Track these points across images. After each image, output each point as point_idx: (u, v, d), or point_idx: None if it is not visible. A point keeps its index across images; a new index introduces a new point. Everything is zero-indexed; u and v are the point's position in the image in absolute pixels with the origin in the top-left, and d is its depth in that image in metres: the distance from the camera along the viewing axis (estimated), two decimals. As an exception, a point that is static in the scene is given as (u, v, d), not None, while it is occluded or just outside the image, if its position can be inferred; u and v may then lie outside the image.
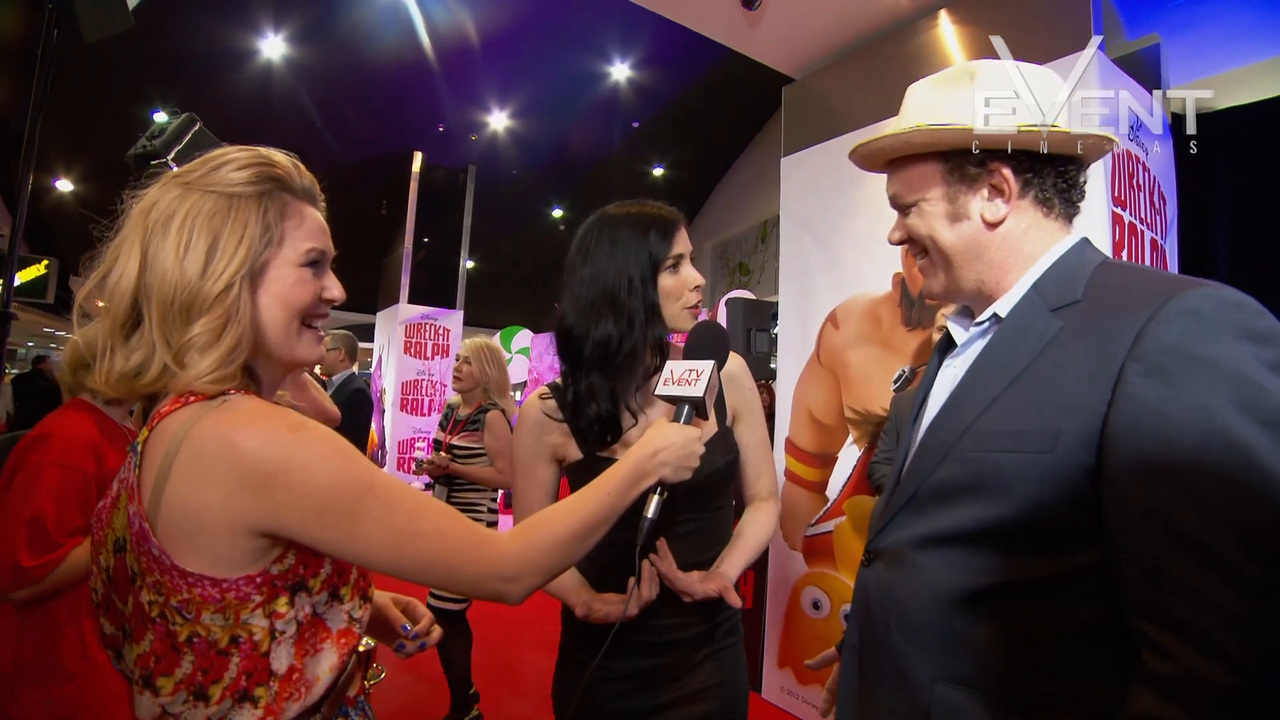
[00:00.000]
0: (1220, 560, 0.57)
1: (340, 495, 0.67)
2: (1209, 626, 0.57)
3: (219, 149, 0.77)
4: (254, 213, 0.73)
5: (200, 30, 7.02)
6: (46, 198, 9.03)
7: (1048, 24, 2.44)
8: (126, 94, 7.33)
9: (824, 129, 3.24)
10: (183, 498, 0.66)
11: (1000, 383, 0.75)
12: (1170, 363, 0.62)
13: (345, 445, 0.71)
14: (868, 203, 2.99)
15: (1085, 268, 0.76)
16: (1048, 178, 0.80)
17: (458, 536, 0.73)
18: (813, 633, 3.01)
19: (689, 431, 0.93)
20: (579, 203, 11.67)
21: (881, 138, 0.83)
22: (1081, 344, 0.69)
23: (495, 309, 11.50)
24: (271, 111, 8.22)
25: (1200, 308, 0.63)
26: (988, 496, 0.72)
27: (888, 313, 2.86)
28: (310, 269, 0.77)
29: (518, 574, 0.75)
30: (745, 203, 9.72)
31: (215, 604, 0.67)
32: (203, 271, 0.69)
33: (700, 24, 3.14)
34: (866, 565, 0.88)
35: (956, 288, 0.85)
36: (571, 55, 7.93)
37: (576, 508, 0.83)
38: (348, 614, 0.76)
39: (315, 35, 7.31)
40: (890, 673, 0.79)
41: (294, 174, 0.79)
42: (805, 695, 3.01)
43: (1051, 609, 0.68)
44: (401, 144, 8.96)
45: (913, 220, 0.85)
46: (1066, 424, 0.67)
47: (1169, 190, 2.64)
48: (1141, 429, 0.62)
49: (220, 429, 0.66)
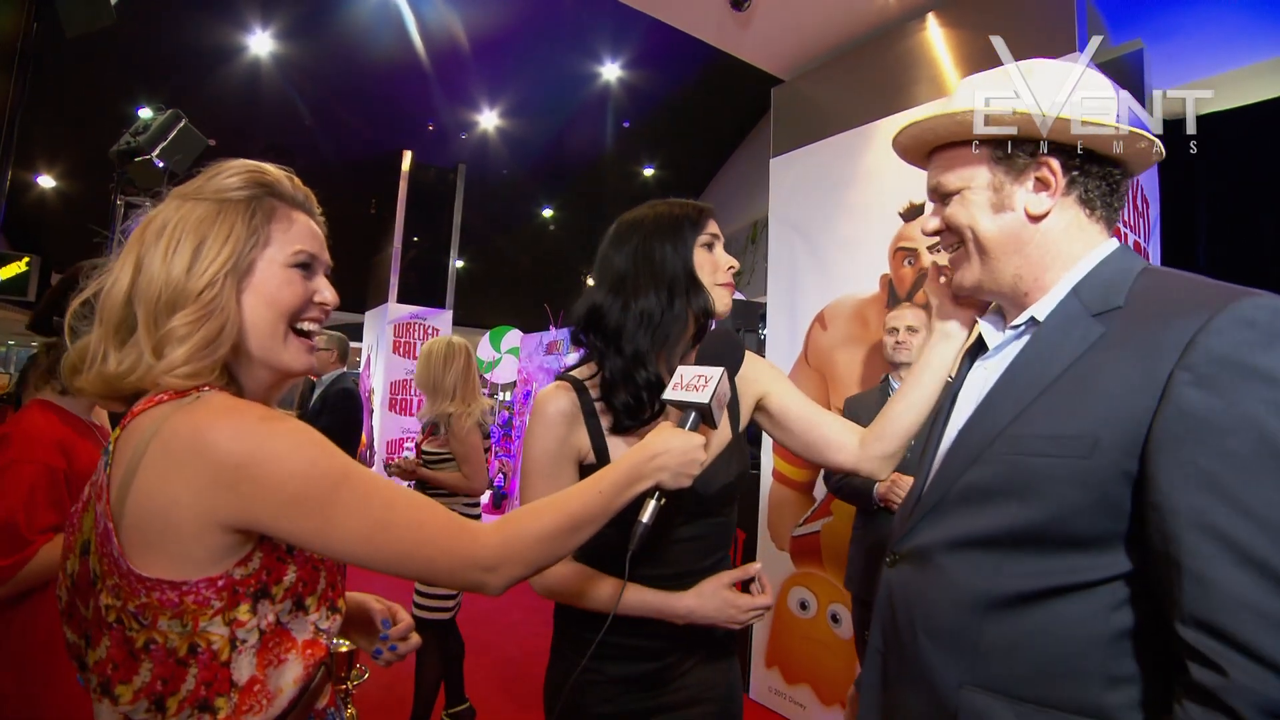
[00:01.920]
0: (1270, 570, 0.57)
1: (313, 486, 0.66)
2: (1259, 636, 0.56)
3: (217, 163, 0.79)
4: (241, 215, 0.75)
5: (187, 26, 6.95)
6: (28, 194, 8.91)
7: (1034, 27, 2.46)
8: (111, 90, 7.25)
9: (813, 130, 3.25)
10: (150, 493, 0.65)
11: (1037, 386, 0.74)
12: (1222, 372, 0.61)
13: (318, 436, 0.70)
14: (856, 204, 3.00)
15: (1128, 274, 0.76)
16: (1093, 178, 0.80)
17: (435, 526, 0.72)
18: (800, 633, 3.02)
19: (692, 439, 0.91)
20: (569, 202, 11.65)
21: (937, 116, 0.81)
22: (1125, 350, 0.68)
23: (485, 309, 11.46)
24: (259, 109, 8.15)
25: (1255, 317, 0.63)
26: (1021, 499, 0.71)
27: (875, 314, 2.87)
28: (299, 270, 0.78)
29: (498, 564, 0.74)
30: (736, 204, 9.74)
31: (173, 609, 0.65)
32: (188, 270, 0.71)
33: (689, 24, 3.14)
34: (891, 566, 0.87)
35: (992, 281, 0.83)
36: (562, 55, 7.92)
37: (565, 502, 0.82)
38: (314, 625, 0.74)
39: (304, 32, 7.25)
40: (915, 676, 0.79)
41: (285, 182, 0.81)
42: (792, 695, 3.02)
43: (1083, 615, 0.68)
44: (391, 143, 8.91)
45: (953, 209, 0.84)
46: (1106, 430, 0.66)
47: (1152, 194, 2.67)
48: (1189, 438, 0.61)
49: (190, 423, 0.66)
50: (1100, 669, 0.67)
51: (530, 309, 8.35)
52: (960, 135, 0.82)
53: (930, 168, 0.89)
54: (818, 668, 2.93)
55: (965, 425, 0.82)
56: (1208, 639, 0.59)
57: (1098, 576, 0.67)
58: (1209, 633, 0.59)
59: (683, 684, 1.14)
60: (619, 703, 1.13)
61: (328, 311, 0.82)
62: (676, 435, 0.91)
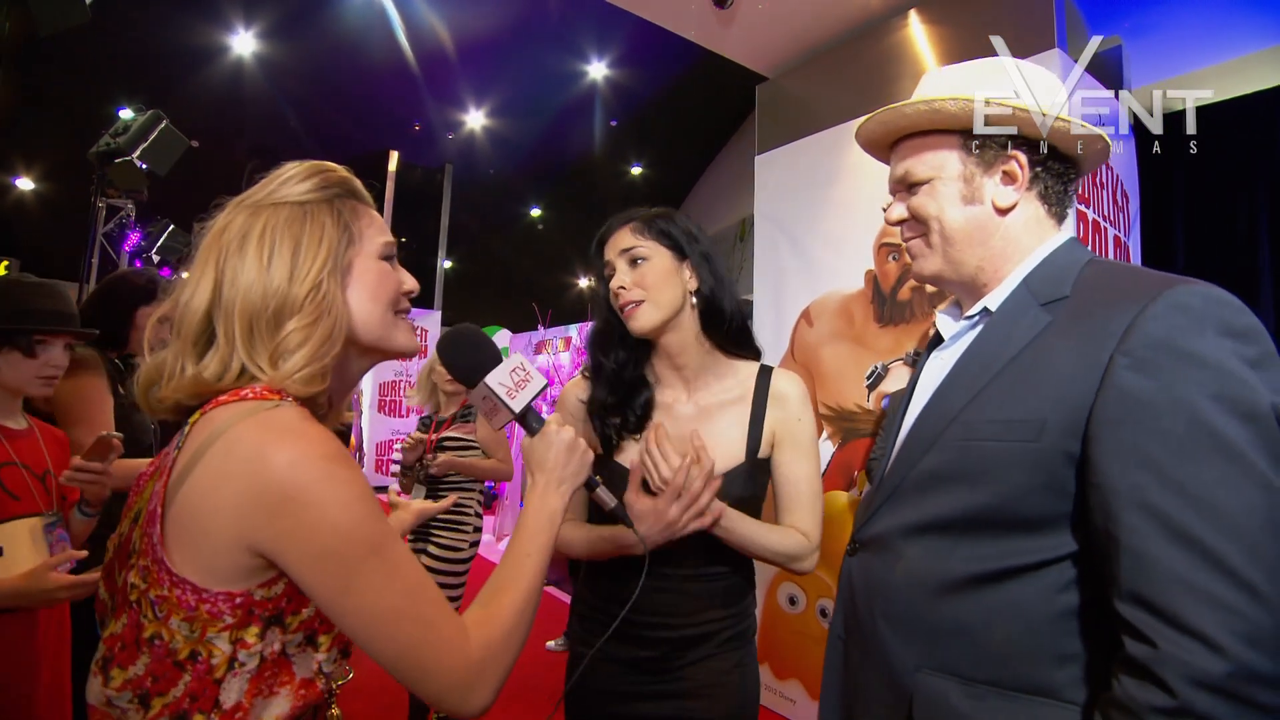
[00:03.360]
0: (1201, 545, 0.59)
1: (348, 546, 0.64)
2: (1187, 609, 0.58)
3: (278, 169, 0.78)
4: (329, 216, 0.75)
5: (168, 26, 6.88)
6: (6, 197, 8.78)
7: (1014, 24, 2.49)
8: (91, 91, 7.15)
9: (797, 127, 3.27)
10: (201, 492, 0.65)
11: (988, 373, 0.76)
12: (1158, 356, 0.64)
13: (369, 496, 0.67)
14: (840, 200, 3.02)
15: (1074, 265, 0.78)
16: (1053, 173, 0.82)
17: (442, 626, 0.68)
18: (790, 628, 3.03)
19: (553, 442, 0.85)
20: (558, 202, 11.63)
21: (911, 103, 0.82)
22: (1070, 337, 0.71)
23: (474, 309, 11.40)
24: (243, 110, 8.08)
25: (1188, 303, 0.65)
26: (973, 484, 0.73)
27: (860, 310, 2.89)
28: (387, 263, 0.79)
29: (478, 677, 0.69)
30: (723, 202, 9.76)
31: (188, 611, 0.64)
32: (290, 276, 0.71)
33: (672, 22, 3.15)
34: (851, 554, 0.89)
35: (953, 271, 0.84)
36: (549, 54, 7.91)
37: (507, 586, 0.77)
38: (319, 664, 0.72)
39: (287, 32, 7.20)
40: (874, 660, 0.80)
41: (350, 180, 0.81)
42: (783, 690, 3.03)
43: (1033, 596, 0.70)
44: (377, 143, 8.86)
45: (921, 199, 0.84)
46: (1052, 413, 0.68)
47: (1131, 188, 2.71)
48: (1129, 419, 0.64)
49: (258, 435, 0.64)
50: (1050, 648, 0.69)
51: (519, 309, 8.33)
52: (935, 124, 0.83)
53: (895, 157, 0.89)
54: (807, 663, 2.95)
55: (921, 413, 0.84)
56: (1141, 613, 0.61)
57: (1046, 557, 0.70)
58: (1143, 607, 0.61)
59: (688, 673, 1.15)
60: (624, 681, 1.15)
61: (412, 296, 0.84)
62: (535, 451, 0.87)
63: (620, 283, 1.13)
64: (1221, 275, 2.73)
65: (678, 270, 1.15)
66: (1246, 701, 0.56)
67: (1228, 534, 0.58)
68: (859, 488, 2.81)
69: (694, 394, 1.19)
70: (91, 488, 1.41)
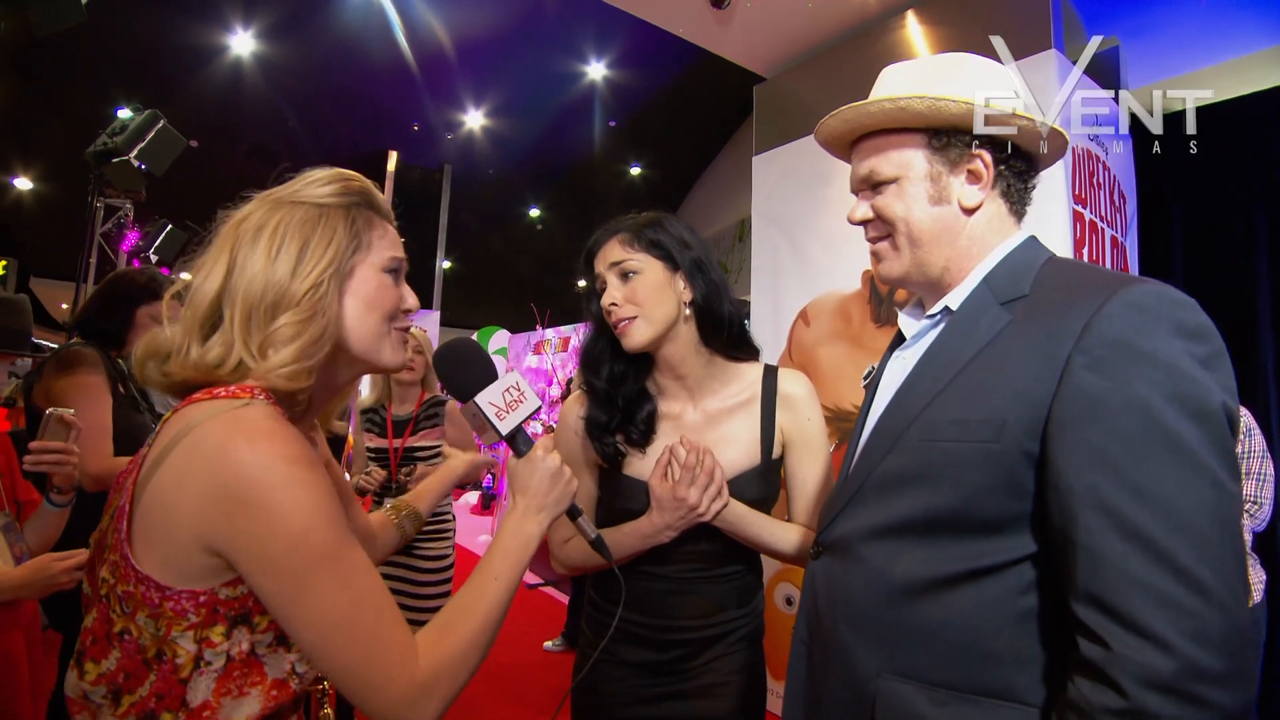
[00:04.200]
0: (1153, 545, 0.59)
1: (298, 555, 0.64)
2: (1140, 609, 0.58)
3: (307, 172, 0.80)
4: (342, 221, 0.77)
5: (167, 26, 6.88)
6: (4, 197, 8.78)
7: (1011, 25, 2.49)
8: (90, 91, 7.16)
9: (794, 127, 3.26)
10: (162, 494, 0.65)
11: (948, 373, 0.75)
12: (1113, 355, 0.64)
13: (329, 505, 0.67)
14: (838, 200, 3.01)
15: (1034, 263, 0.78)
16: (1015, 171, 0.81)
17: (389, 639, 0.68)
18: (786, 628, 3.03)
19: (538, 468, 0.85)
20: (556, 202, 11.63)
21: (877, 101, 0.81)
22: (1028, 336, 0.70)
23: (472, 309, 11.42)
24: (241, 110, 8.08)
25: (1142, 302, 0.65)
26: (933, 485, 0.72)
27: (857, 310, 2.89)
28: (391, 276, 0.81)
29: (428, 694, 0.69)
30: (722, 202, 9.76)
31: (151, 608, 0.65)
32: (293, 272, 0.73)
33: (670, 22, 3.15)
34: (815, 558, 0.88)
35: (920, 272, 0.83)
36: (547, 55, 7.91)
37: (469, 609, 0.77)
38: (291, 664, 0.71)
39: (286, 32, 7.20)
40: (837, 665, 0.80)
41: (373, 192, 0.84)
42: (779, 690, 3.03)
43: (994, 598, 0.69)
44: (376, 143, 8.86)
45: (887, 199, 0.82)
46: (1012, 412, 0.68)
47: (1129, 189, 2.71)
48: (1084, 418, 0.64)
49: (223, 432, 0.65)
50: (1010, 651, 0.69)
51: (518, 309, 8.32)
52: (901, 121, 0.82)
53: (857, 155, 0.88)
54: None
55: (882, 414, 0.83)
56: (1096, 614, 0.61)
57: (1006, 559, 0.69)
58: (1097, 608, 0.61)
59: (698, 672, 1.15)
60: (635, 684, 1.15)
61: (411, 314, 0.85)
62: (520, 475, 0.86)
63: (611, 299, 1.10)
64: (1219, 276, 2.74)
65: (670, 281, 1.11)
66: (1197, 700, 0.56)
67: (1179, 532, 0.58)
68: (856, 488, 2.81)
69: (700, 402, 1.17)
70: (58, 469, 1.37)
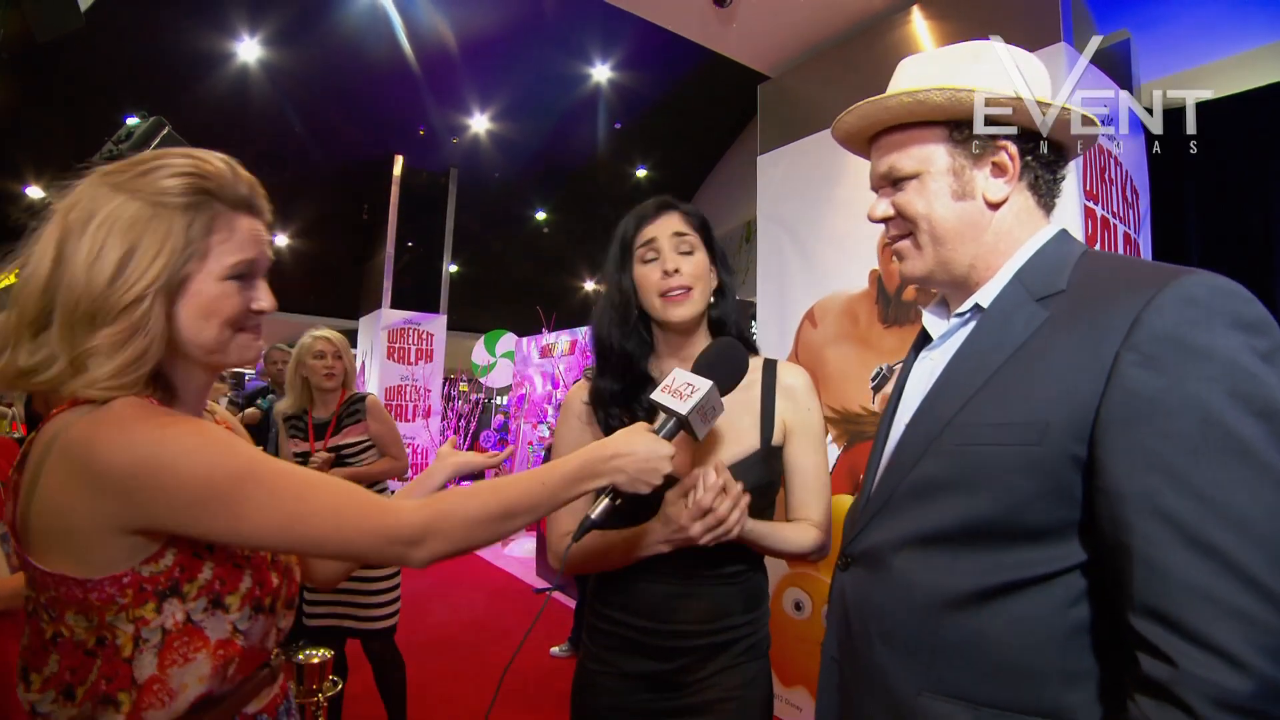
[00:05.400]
0: (1218, 553, 0.55)
1: (215, 487, 0.66)
2: (1209, 623, 0.54)
3: (157, 150, 0.75)
4: (178, 225, 0.70)
5: (175, 33, 6.92)
6: (17, 205, 8.87)
7: (1019, 19, 2.44)
8: (100, 99, 7.21)
9: (799, 127, 3.23)
10: (50, 501, 0.66)
11: (983, 374, 0.72)
12: (1166, 351, 0.60)
13: (221, 437, 0.69)
14: (844, 200, 2.98)
15: (1069, 258, 0.74)
16: (1043, 162, 0.78)
17: (351, 509, 0.71)
18: (795, 634, 2.99)
19: (659, 446, 0.88)
20: (563, 205, 11.63)
21: (895, 95, 0.78)
22: (1070, 333, 0.67)
23: (479, 313, 11.43)
24: (249, 115, 8.12)
25: (1196, 294, 0.61)
26: (972, 491, 0.69)
27: (865, 310, 2.85)
28: (236, 282, 0.76)
29: (421, 538, 0.73)
30: (729, 203, 9.72)
31: (78, 604, 0.67)
32: (111, 280, 0.67)
33: (672, 21, 3.12)
34: (843, 569, 0.84)
35: (944, 270, 0.80)
36: (552, 57, 7.91)
37: (504, 488, 0.81)
38: (232, 624, 0.74)
39: (292, 38, 7.23)
40: (872, 683, 0.76)
41: (229, 183, 0.76)
42: (789, 697, 2.99)
43: (1041, 610, 0.66)
44: (382, 147, 8.88)
45: (908, 196, 0.79)
46: (1055, 414, 0.64)
47: (1141, 184, 2.65)
48: (1137, 419, 0.60)
49: (85, 434, 0.65)
50: (1059, 667, 0.65)
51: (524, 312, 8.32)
52: (919, 115, 0.79)
53: (876, 151, 0.85)
54: (814, 669, 2.90)
55: (912, 418, 0.79)
56: (1158, 628, 0.57)
57: (1053, 569, 0.65)
58: (1159, 622, 0.57)
59: (701, 688, 1.12)
60: (638, 698, 1.12)
61: (264, 315, 0.82)
62: (643, 439, 0.88)
63: (676, 265, 1.11)
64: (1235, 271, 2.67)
65: (711, 269, 1.18)
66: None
67: (1247, 540, 0.54)
68: (865, 491, 2.77)
69: None
70: None
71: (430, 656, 3.58)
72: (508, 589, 5.09)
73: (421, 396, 8.39)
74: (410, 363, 8.40)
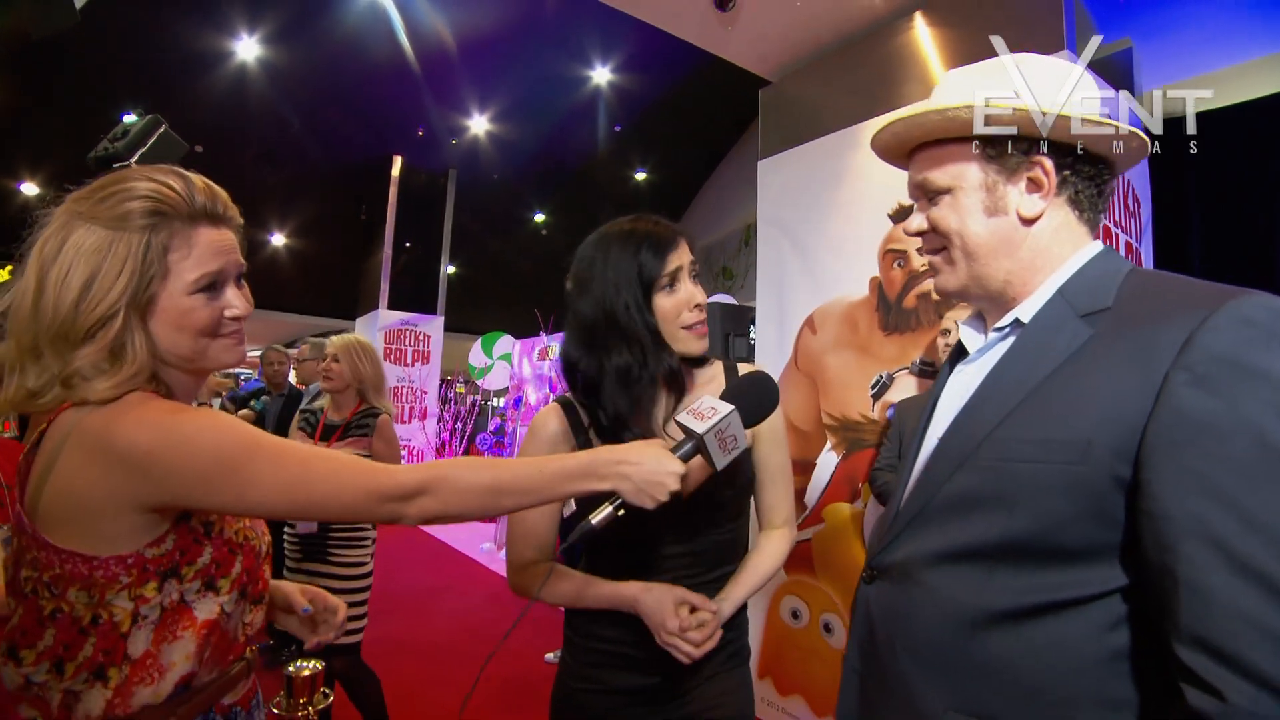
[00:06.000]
0: (1269, 580, 0.53)
1: (223, 459, 0.71)
2: (1259, 655, 0.52)
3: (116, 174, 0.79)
4: (135, 247, 0.74)
5: (174, 32, 6.90)
6: (11, 201, 8.82)
7: (1022, 26, 2.43)
8: (97, 96, 7.18)
9: (801, 132, 3.22)
10: (67, 484, 0.71)
11: (1024, 389, 0.70)
12: (1221, 373, 0.58)
13: (228, 419, 0.75)
14: (845, 206, 2.96)
15: (1115, 275, 0.72)
16: (1083, 178, 0.76)
17: (349, 471, 0.76)
18: (792, 642, 2.97)
19: (669, 461, 0.86)
20: (562, 206, 11.62)
21: (924, 113, 0.77)
22: (1117, 351, 0.65)
23: (477, 314, 11.40)
24: (247, 115, 8.10)
25: (1254, 316, 0.59)
26: (1008, 508, 0.66)
27: (865, 317, 2.83)
28: (204, 294, 0.79)
29: (413, 495, 0.77)
30: (728, 207, 9.72)
31: (82, 580, 0.71)
32: (75, 304, 0.72)
33: (673, 25, 3.11)
34: (868, 582, 0.82)
35: (978, 285, 0.79)
36: (552, 59, 7.90)
37: (499, 465, 0.84)
38: (220, 606, 0.79)
39: (291, 37, 7.22)
40: (896, 699, 0.74)
41: (184, 199, 0.79)
42: (786, 706, 2.97)
43: (1078, 633, 0.63)
44: (380, 148, 8.86)
45: (941, 211, 0.79)
46: (1099, 433, 0.62)
47: (1143, 193, 2.64)
48: (1188, 442, 0.58)
49: (101, 420, 0.71)
50: (1095, 693, 0.62)
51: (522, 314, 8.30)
52: (951, 132, 0.77)
53: (913, 165, 0.84)
54: (810, 678, 2.88)
55: (947, 431, 0.77)
56: (1205, 659, 0.54)
57: (1092, 592, 0.63)
58: (1206, 652, 0.54)
59: (687, 701, 1.12)
60: (626, 714, 1.11)
61: (241, 319, 0.85)
62: (654, 451, 0.87)
63: (699, 300, 1.09)
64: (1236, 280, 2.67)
65: None
66: None
67: None
68: (863, 500, 2.74)
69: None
70: None
71: (423, 662, 3.56)
72: (502, 595, 5.06)
73: (418, 398, 8.37)
74: (407, 364, 8.37)
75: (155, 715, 0.75)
